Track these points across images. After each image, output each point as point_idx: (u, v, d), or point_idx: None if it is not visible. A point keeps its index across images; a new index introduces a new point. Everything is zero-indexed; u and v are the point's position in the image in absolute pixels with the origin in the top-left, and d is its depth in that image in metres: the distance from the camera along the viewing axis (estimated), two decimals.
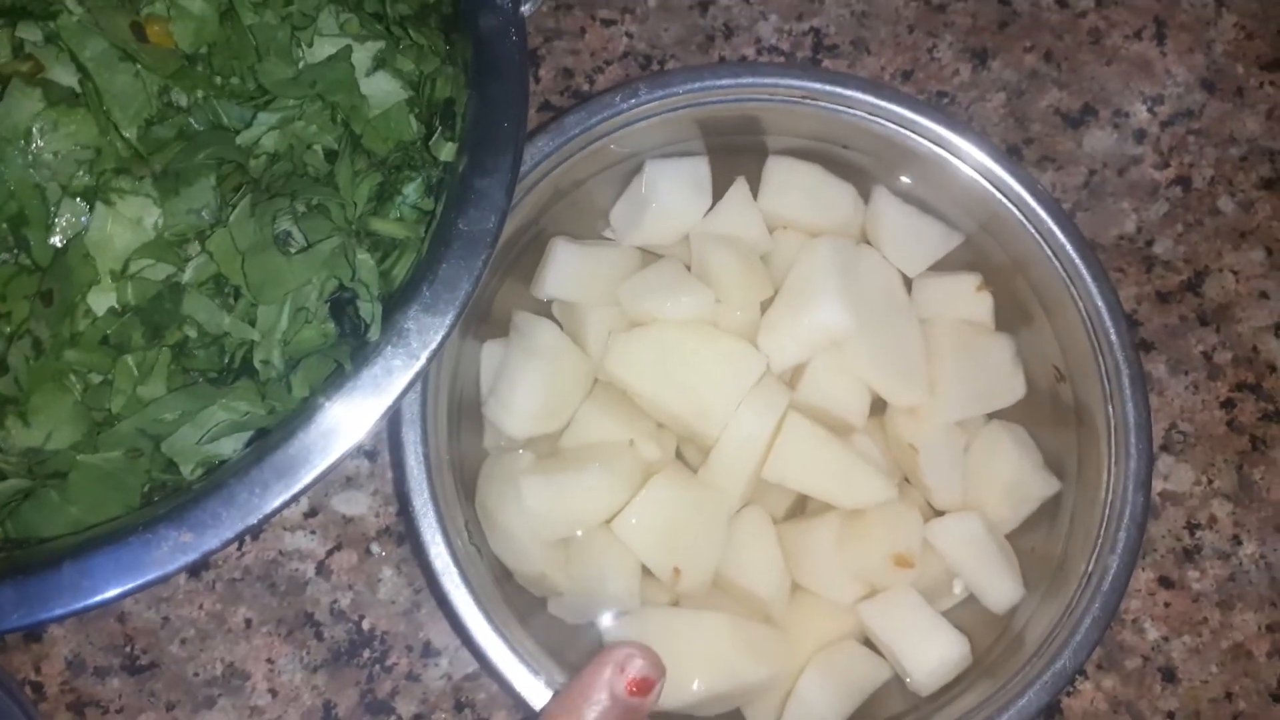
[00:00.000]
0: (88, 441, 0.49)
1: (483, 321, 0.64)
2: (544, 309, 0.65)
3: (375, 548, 0.65)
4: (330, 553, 0.65)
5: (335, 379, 0.51)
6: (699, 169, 0.66)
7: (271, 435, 0.50)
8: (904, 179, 0.67)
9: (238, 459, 0.51)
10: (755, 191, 0.66)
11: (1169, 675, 0.68)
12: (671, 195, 0.65)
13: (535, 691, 0.54)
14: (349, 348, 0.52)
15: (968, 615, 0.61)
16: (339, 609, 0.64)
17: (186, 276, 0.51)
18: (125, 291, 0.50)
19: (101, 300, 0.50)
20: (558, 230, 0.66)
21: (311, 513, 0.65)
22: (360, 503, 0.66)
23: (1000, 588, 0.60)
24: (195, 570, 0.64)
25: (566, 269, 0.64)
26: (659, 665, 0.51)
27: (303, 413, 0.50)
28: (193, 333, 0.51)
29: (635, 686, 0.50)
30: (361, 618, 0.64)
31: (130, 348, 0.50)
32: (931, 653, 0.58)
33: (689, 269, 0.65)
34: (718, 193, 0.66)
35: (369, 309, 0.52)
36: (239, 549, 0.64)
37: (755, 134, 0.68)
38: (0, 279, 0.50)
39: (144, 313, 0.51)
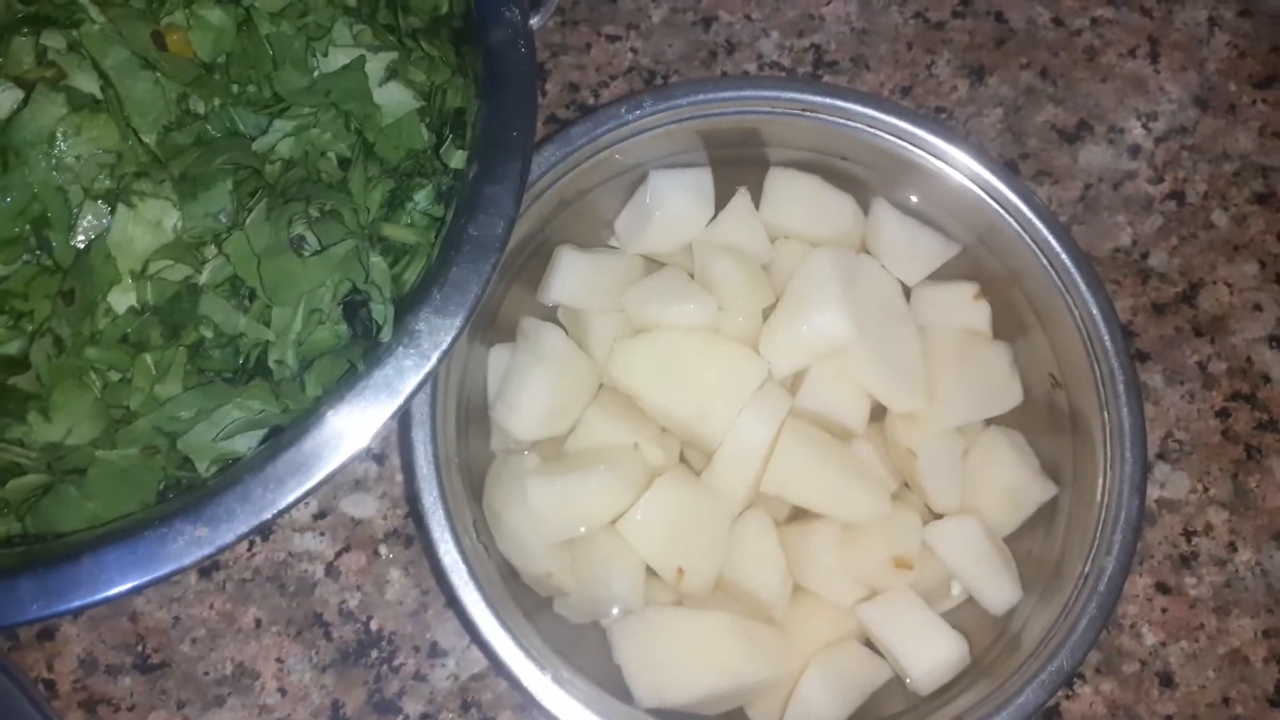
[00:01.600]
0: (106, 438, 0.51)
1: (490, 327, 0.66)
2: (550, 315, 0.66)
3: (383, 549, 0.66)
4: (339, 554, 0.66)
5: (348, 379, 0.53)
6: (702, 180, 0.68)
7: (285, 433, 0.51)
8: (903, 191, 0.69)
9: (252, 456, 0.52)
10: (757, 202, 0.68)
11: (1166, 680, 0.68)
12: (675, 205, 0.67)
13: (543, 688, 0.54)
14: (361, 349, 0.53)
15: (966, 616, 0.62)
16: (347, 609, 0.65)
17: (204, 278, 0.52)
18: (145, 291, 0.52)
19: (121, 300, 0.52)
20: (563, 239, 0.67)
21: (321, 514, 0.66)
22: (369, 505, 0.67)
23: (998, 589, 0.61)
24: (206, 570, 0.65)
25: (572, 276, 0.65)
26: None
27: (316, 411, 0.51)
28: (209, 333, 0.53)
29: None
30: (370, 618, 0.65)
31: (149, 346, 0.52)
32: (930, 653, 0.59)
33: (692, 277, 0.66)
34: (720, 203, 0.67)
35: (381, 311, 0.53)
36: (249, 549, 0.65)
37: (757, 146, 0.69)
38: (23, 278, 0.52)
39: (162, 312, 0.52)
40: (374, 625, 0.65)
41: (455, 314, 0.54)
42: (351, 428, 0.51)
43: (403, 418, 0.58)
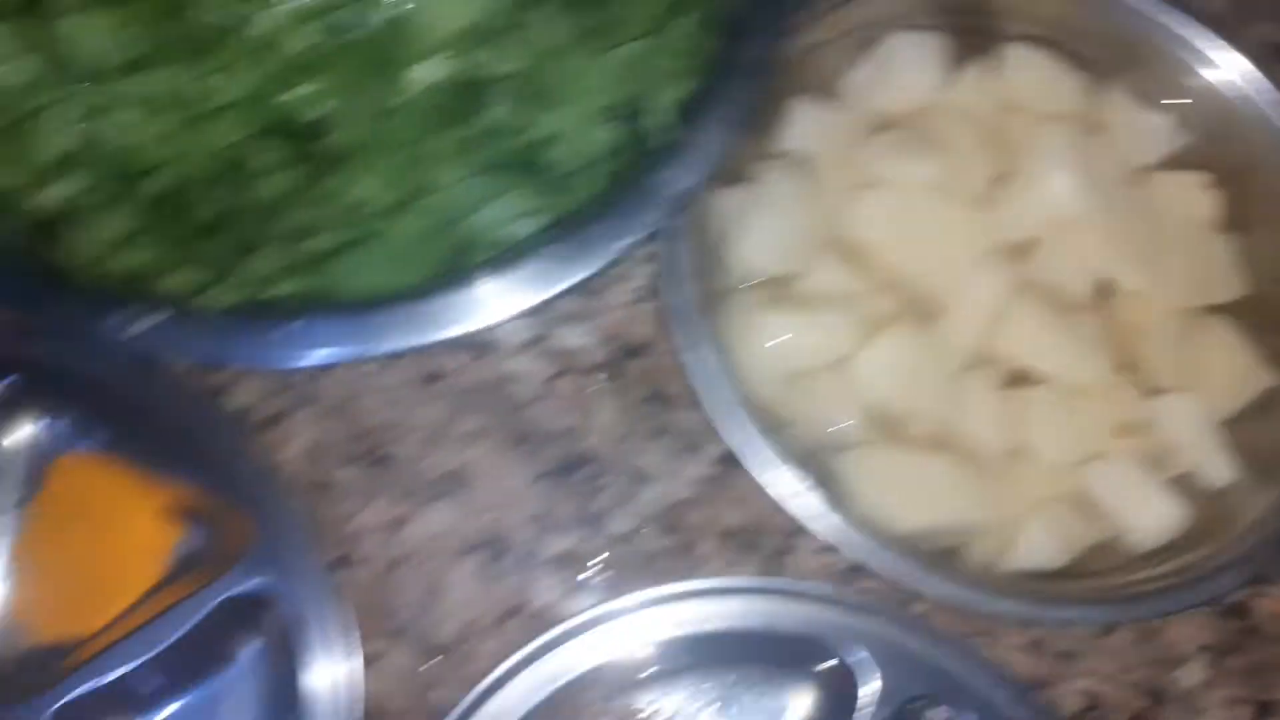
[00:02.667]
0: (400, 208, 0.52)
1: (720, 170, 0.66)
2: (779, 164, 0.67)
3: (597, 376, 0.67)
4: (552, 378, 0.67)
5: (618, 184, 0.54)
6: (938, 44, 0.68)
7: (560, 226, 0.53)
8: (1140, 76, 0.68)
9: (528, 244, 0.53)
10: (992, 74, 0.67)
11: None
12: (910, 66, 0.67)
13: (783, 480, 0.57)
14: (635, 155, 0.54)
15: (1183, 490, 0.62)
16: (559, 430, 0.66)
17: (499, 67, 0.53)
18: (444, 71, 0.53)
19: (421, 77, 0.53)
20: (796, 90, 0.67)
21: (535, 340, 0.68)
22: (584, 335, 0.68)
23: (1216, 467, 0.61)
24: (427, 379, 0.66)
25: (805, 126, 0.66)
26: None
27: (588, 208, 0.53)
28: (496, 122, 0.54)
29: None
30: (580, 441, 0.66)
31: (444, 127, 0.53)
32: (1150, 515, 0.60)
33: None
34: (955, 70, 0.67)
35: (657, 120, 0.54)
36: (470, 361, 0.67)
37: (995, 17, 0.69)
38: (327, 49, 0.53)
39: (457, 95, 0.53)
40: (583, 447, 0.66)
41: (723, 131, 0.55)
42: (623, 225, 0.53)
43: (651, 238, 0.59)
